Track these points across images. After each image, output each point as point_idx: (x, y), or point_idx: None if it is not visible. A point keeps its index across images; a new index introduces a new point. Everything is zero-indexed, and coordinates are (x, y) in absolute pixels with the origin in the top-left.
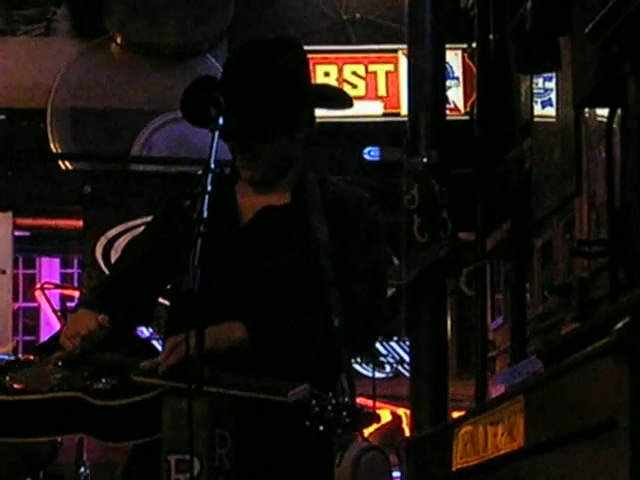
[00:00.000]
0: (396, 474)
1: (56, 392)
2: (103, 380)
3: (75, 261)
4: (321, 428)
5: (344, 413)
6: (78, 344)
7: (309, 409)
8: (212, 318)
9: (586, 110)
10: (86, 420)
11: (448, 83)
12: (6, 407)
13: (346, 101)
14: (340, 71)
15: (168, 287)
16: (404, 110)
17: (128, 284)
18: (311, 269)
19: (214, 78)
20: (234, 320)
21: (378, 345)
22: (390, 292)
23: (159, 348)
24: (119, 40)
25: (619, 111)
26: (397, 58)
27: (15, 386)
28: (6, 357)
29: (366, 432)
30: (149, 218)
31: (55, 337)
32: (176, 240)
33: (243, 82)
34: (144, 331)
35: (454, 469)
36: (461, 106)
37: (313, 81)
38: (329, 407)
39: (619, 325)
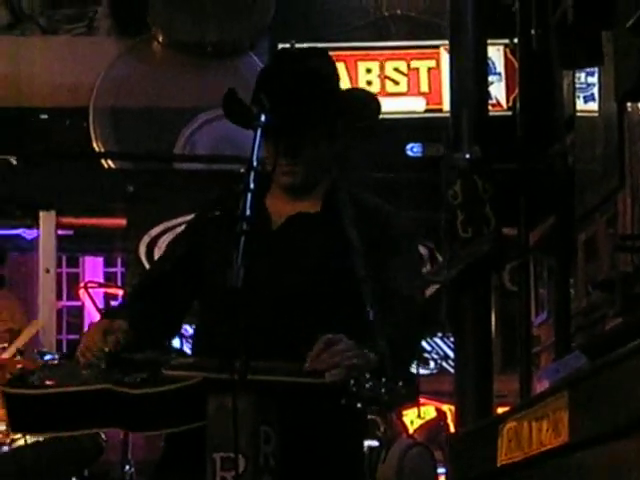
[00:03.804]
0: (441, 470)
1: (88, 385)
2: (134, 374)
3: (118, 260)
4: (359, 405)
5: (382, 391)
6: (97, 350)
7: (346, 388)
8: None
9: (628, 104)
10: (116, 412)
11: (490, 79)
12: (38, 401)
13: (373, 112)
14: (382, 68)
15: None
16: (446, 106)
17: (153, 296)
18: (343, 268)
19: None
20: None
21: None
22: (434, 288)
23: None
24: (161, 38)
25: None
26: (439, 54)
27: (46, 382)
28: (51, 356)
29: (411, 429)
30: (192, 216)
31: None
32: (206, 249)
33: (292, 84)
34: (188, 329)
35: (499, 465)
36: (503, 101)
37: (355, 78)
38: (367, 386)
39: None
